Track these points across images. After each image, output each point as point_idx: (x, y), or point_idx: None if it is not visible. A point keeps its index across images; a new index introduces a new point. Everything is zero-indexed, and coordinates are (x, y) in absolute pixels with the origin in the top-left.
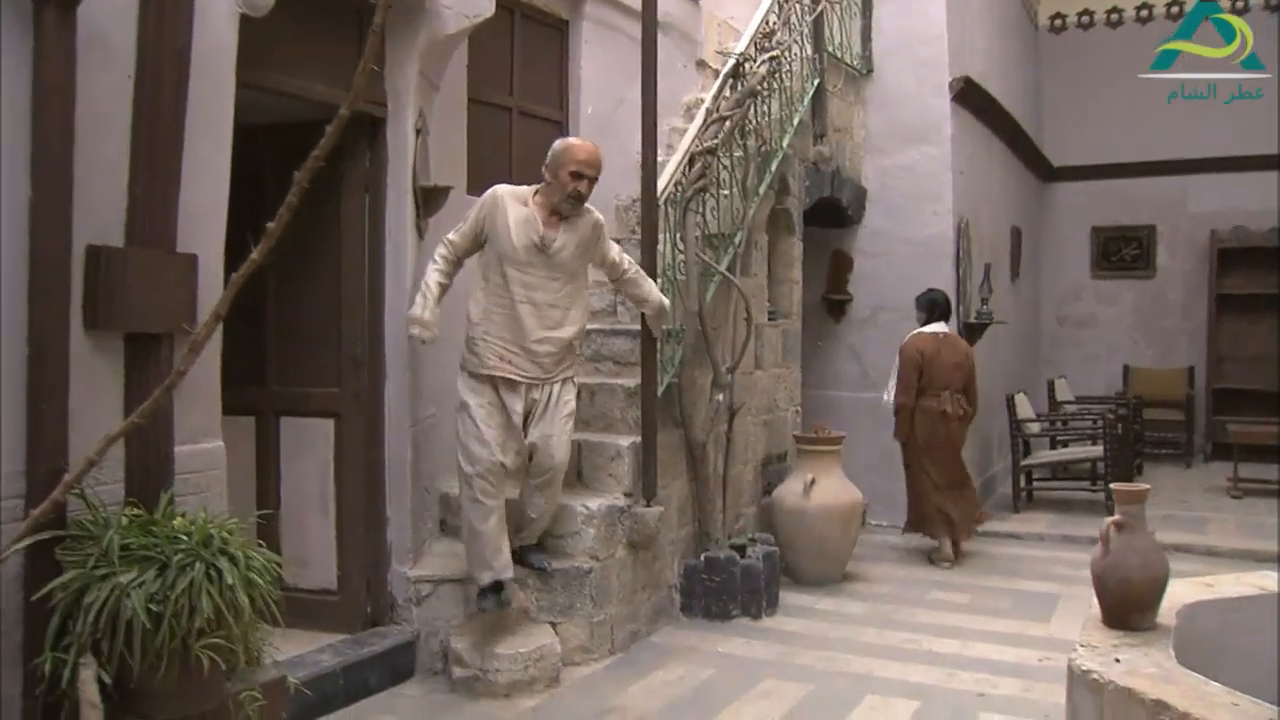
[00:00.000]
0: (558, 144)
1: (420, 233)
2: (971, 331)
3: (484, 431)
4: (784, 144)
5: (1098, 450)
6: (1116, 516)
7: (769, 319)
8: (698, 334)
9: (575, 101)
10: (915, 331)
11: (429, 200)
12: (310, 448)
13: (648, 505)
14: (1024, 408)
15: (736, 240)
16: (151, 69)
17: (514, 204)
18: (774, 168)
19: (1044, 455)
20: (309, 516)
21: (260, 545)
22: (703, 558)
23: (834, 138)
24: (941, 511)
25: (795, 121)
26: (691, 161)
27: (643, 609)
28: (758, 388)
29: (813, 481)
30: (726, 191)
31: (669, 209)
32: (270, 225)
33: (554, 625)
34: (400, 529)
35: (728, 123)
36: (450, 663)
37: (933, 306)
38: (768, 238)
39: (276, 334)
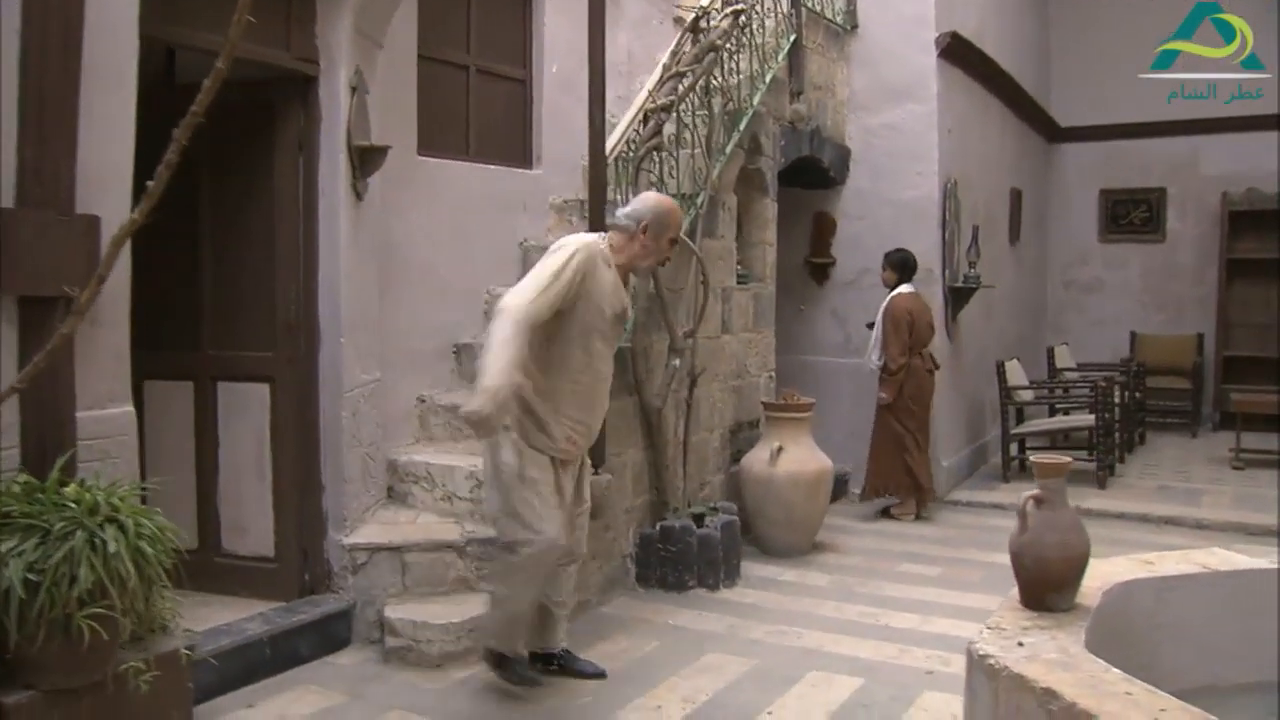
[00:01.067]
0: (663, 206)
1: (358, 193)
2: (958, 296)
3: (552, 512)
4: (754, 102)
5: (1090, 419)
6: (1035, 491)
7: (739, 282)
8: (652, 297)
9: (539, 60)
10: (896, 292)
11: (366, 160)
12: (246, 413)
13: (596, 473)
14: (1016, 374)
15: (699, 201)
16: (38, 24)
17: (603, 265)
18: (743, 126)
19: (1034, 424)
20: (246, 483)
21: (156, 512)
22: (658, 527)
23: (813, 96)
24: (911, 474)
25: (768, 78)
26: (646, 119)
27: (594, 579)
28: (725, 353)
29: (780, 449)
30: (689, 151)
31: (620, 167)
32: (150, 184)
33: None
34: (336, 496)
35: (686, 79)
36: (384, 632)
37: (904, 266)
38: (738, 199)
39: (212, 298)
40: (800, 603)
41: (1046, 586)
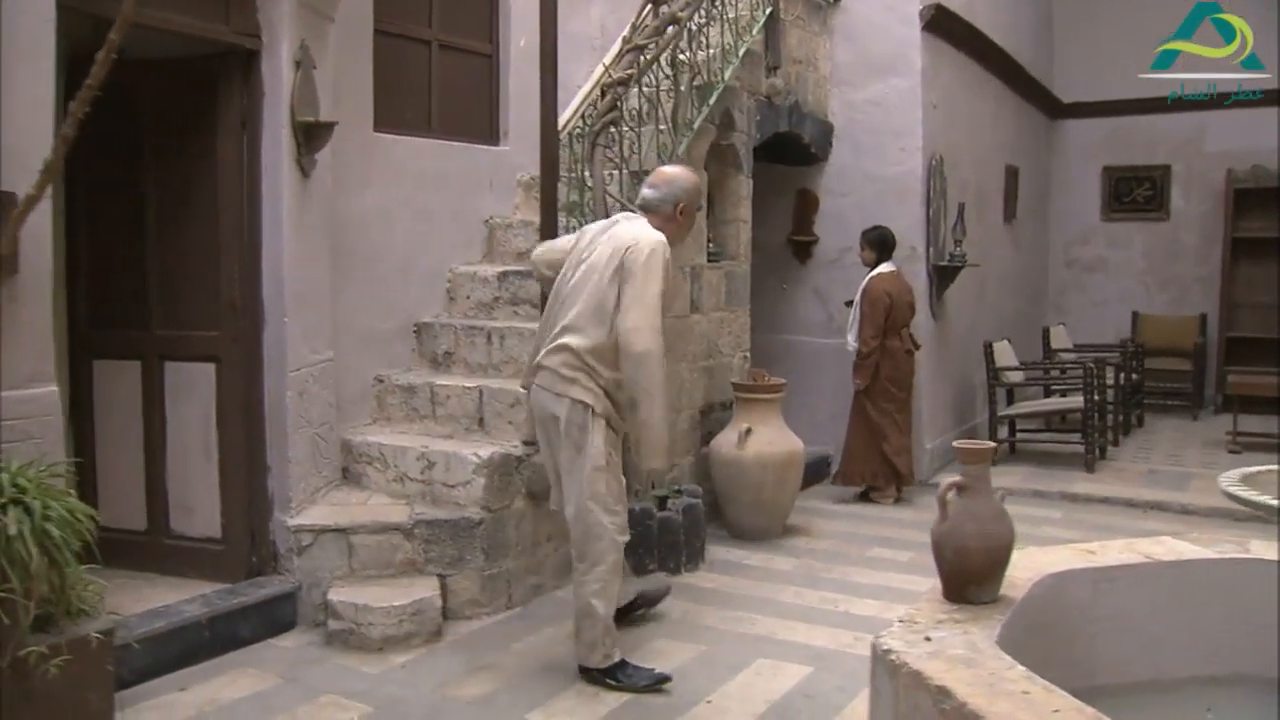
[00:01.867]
0: (692, 181)
1: (304, 170)
2: (943, 275)
3: (624, 495)
4: (726, 76)
5: (1079, 401)
6: (956, 478)
7: (710, 260)
8: None
9: (506, 34)
10: (876, 272)
11: (312, 136)
12: (193, 393)
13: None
14: (1005, 355)
15: None
16: None
17: None
18: (712, 101)
19: (1022, 405)
20: (193, 463)
21: (70, 494)
22: None
23: (793, 70)
24: (887, 461)
25: (741, 52)
26: (603, 93)
27: (549, 561)
28: (695, 332)
29: (748, 431)
30: (653, 126)
31: (575, 143)
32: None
33: (443, 578)
34: (282, 477)
35: (646, 52)
36: (328, 615)
37: (883, 244)
38: (712, 175)
39: (159, 277)
40: (762, 588)
41: (966, 578)
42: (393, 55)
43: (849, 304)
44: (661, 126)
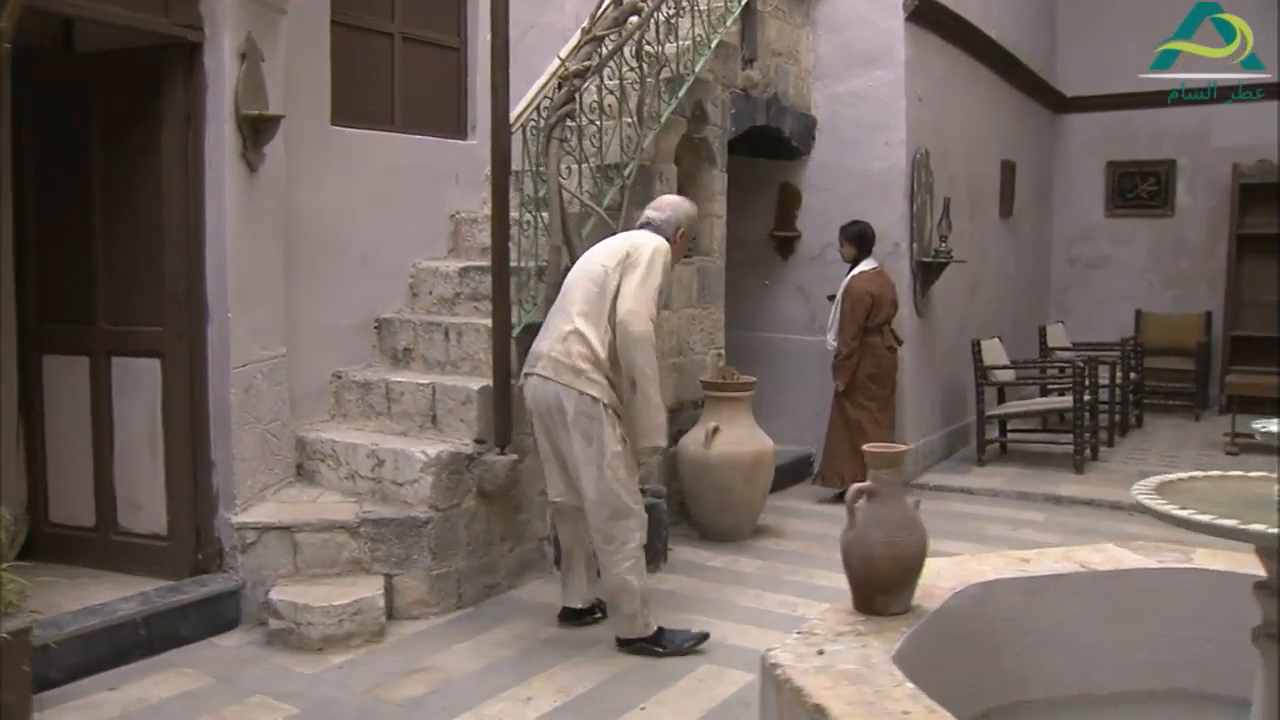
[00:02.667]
0: (693, 211)
1: (250, 165)
2: (927, 271)
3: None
4: (696, 68)
5: (1068, 400)
6: (865, 483)
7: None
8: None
9: (474, 27)
10: (857, 270)
11: (259, 130)
12: (139, 389)
13: (501, 453)
14: (995, 354)
15: (626, 172)
16: None
17: None
18: (681, 94)
19: (1011, 405)
20: (140, 460)
21: None
22: None
23: (772, 62)
24: (863, 460)
25: (713, 44)
26: (561, 85)
27: (503, 562)
28: (664, 329)
29: (715, 430)
30: (614, 121)
31: (529, 136)
32: None
33: (390, 578)
34: (227, 474)
35: (606, 44)
36: (269, 614)
37: (862, 239)
38: (685, 169)
39: (106, 272)
40: (721, 590)
41: (874, 588)
42: (352, 48)
43: (831, 298)
44: (627, 120)
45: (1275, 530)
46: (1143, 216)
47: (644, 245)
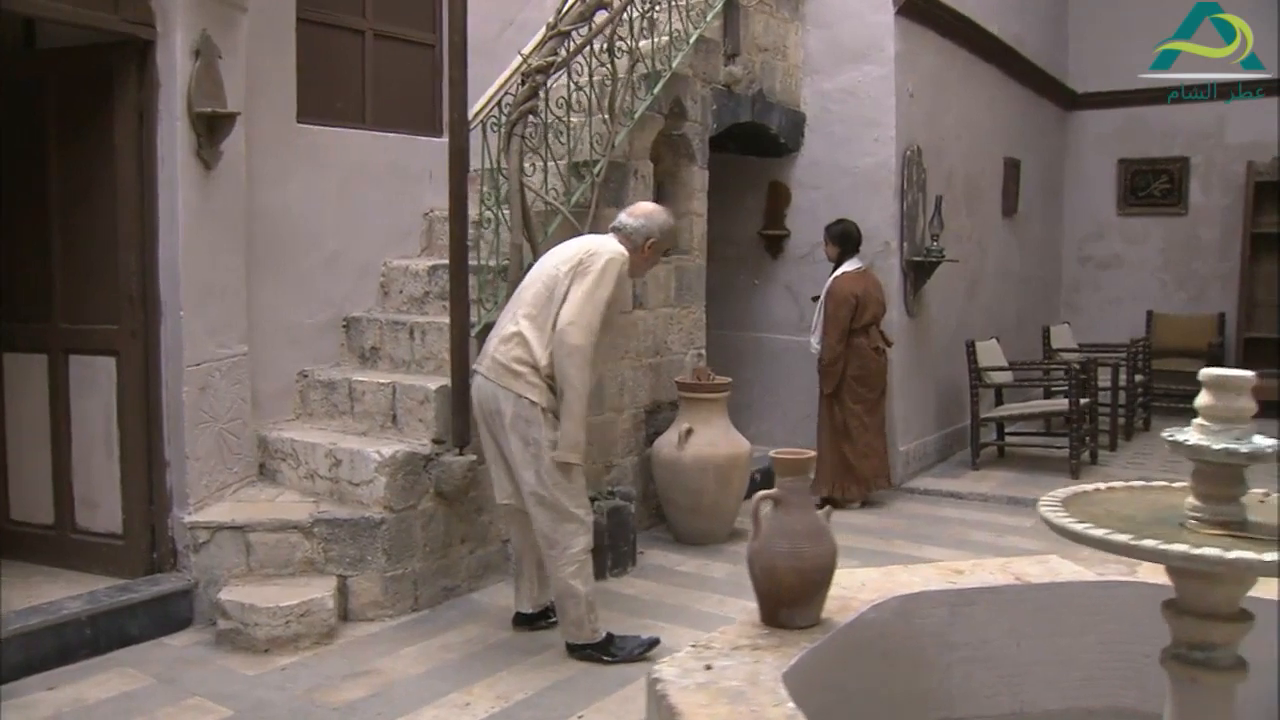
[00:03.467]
0: (669, 224)
1: (206, 162)
2: (918, 270)
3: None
4: (673, 64)
5: (1064, 403)
6: (772, 491)
7: None
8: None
9: (449, 22)
10: (841, 271)
11: (215, 128)
12: (95, 387)
13: (460, 453)
14: (991, 355)
15: (596, 169)
16: None
17: (625, 272)
18: (657, 89)
19: (1007, 408)
20: (96, 458)
21: None
22: None
23: (758, 58)
24: (851, 469)
25: (692, 39)
26: (524, 81)
27: (464, 564)
28: (638, 329)
29: (689, 432)
30: (586, 116)
31: (488, 132)
32: None
33: (344, 579)
34: (180, 473)
35: (572, 39)
36: (219, 614)
37: (846, 238)
38: (664, 166)
39: (63, 270)
40: (685, 596)
41: (777, 600)
42: (321, 46)
43: (816, 299)
44: (593, 117)
45: (1171, 547)
46: (1155, 215)
47: (600, 254)
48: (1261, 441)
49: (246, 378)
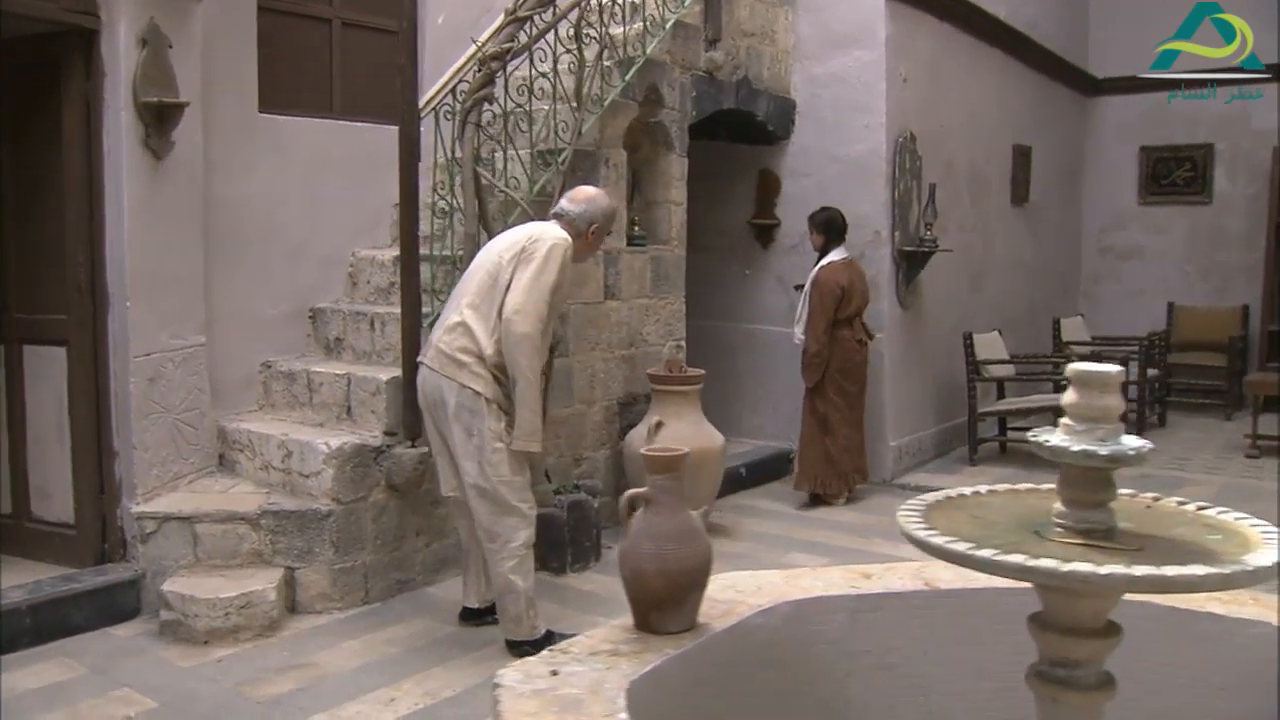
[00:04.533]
0: (611, 208)
1: (155, 153)
2: (911, 260)
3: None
4: (647, 49)
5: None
6: (640, 490)
7: (633, 244)
8: None
9: (423, 10)
10: (826, 261)
11: (164, 117)
12: (48, 377)
13: (412, 445)
14: (991, 348)
15: (560, 158)
16: None
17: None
18: (629, 76)
19: (1005, 403)
20: (50, 448)
21: None
22: None
23: (743, 43)
24: (833, 464)
25: (669, 24)
26: (481, 67)
27: (418, 557)
28: (610, 320)
29: (658, 425)
30: (551, 104)
31: (441, 120)
32: None
33: (291, 570)
34: (129, 463)
35: (533, 24)
36: (163, 605)
37: (830, 226)
38: (643, 155)
39: (16, 260)
40: None
41: (646, 604)
42: (285, 35)
43: (800, 288)
44: (558, 104)
45: (1006, 558)
46: (1178, 204)
47: (543, 240)
48: (1129, 442)
49: (204, 369)
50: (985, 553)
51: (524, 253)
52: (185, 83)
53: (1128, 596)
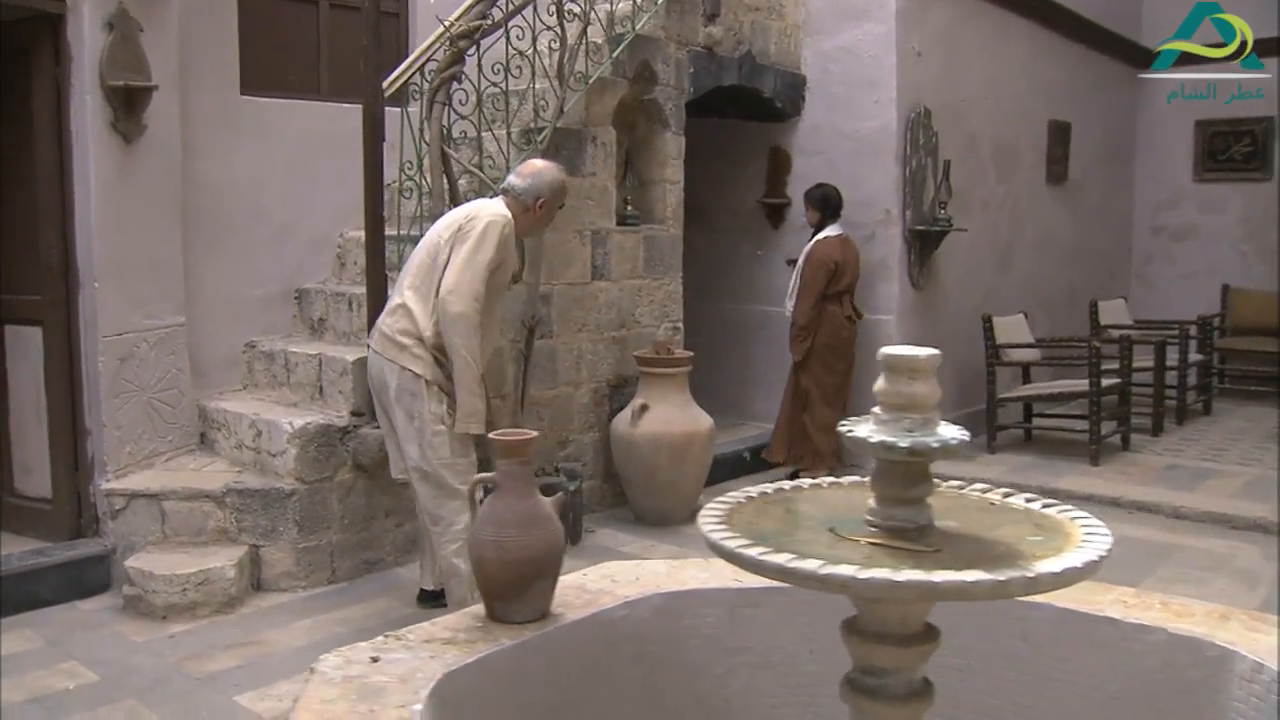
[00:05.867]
0: (557, 181)
1: (125, 136)
2: (924, 240)
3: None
4: (636, 25)
5: (1083, 384)
6: (487, 475)
7: (625, 224)
8: None
9: None
10: (821, 236)
11: (133, 100)
12: (26, 356)
13: (378, 426)
14: (1014, 331)
15: (539, 138)
16: None
17: (511, 234)
18: (616, 54)
19: (1027, 388)
20: (29, 425)
21: None
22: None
23: (747, 18)
24: (809, 441)
25: (660, 0)
26: (450, 46)
27: (388, 537)
28: (599, 301)
29: (643, 408)
30: (531, 82)
31: (409, 99)
32: None
33: (256, 549)
34: (99, 440)
35: (509, 1)
36: (126, 581)
37: (826, 203)
38: (638, 133)
39: (2, 240)
40: None
41: (489, 592)
42: (269, 18)
43: (792, 263)
44: (536, 84)
45: (772, 559)
46: (1236, 180)
47: (479, 217)
48: (944, 433)
49: (183, 348)
50: (753, 552)
51: (460, 231)
52: (159, 67)
53: (1024, 598)
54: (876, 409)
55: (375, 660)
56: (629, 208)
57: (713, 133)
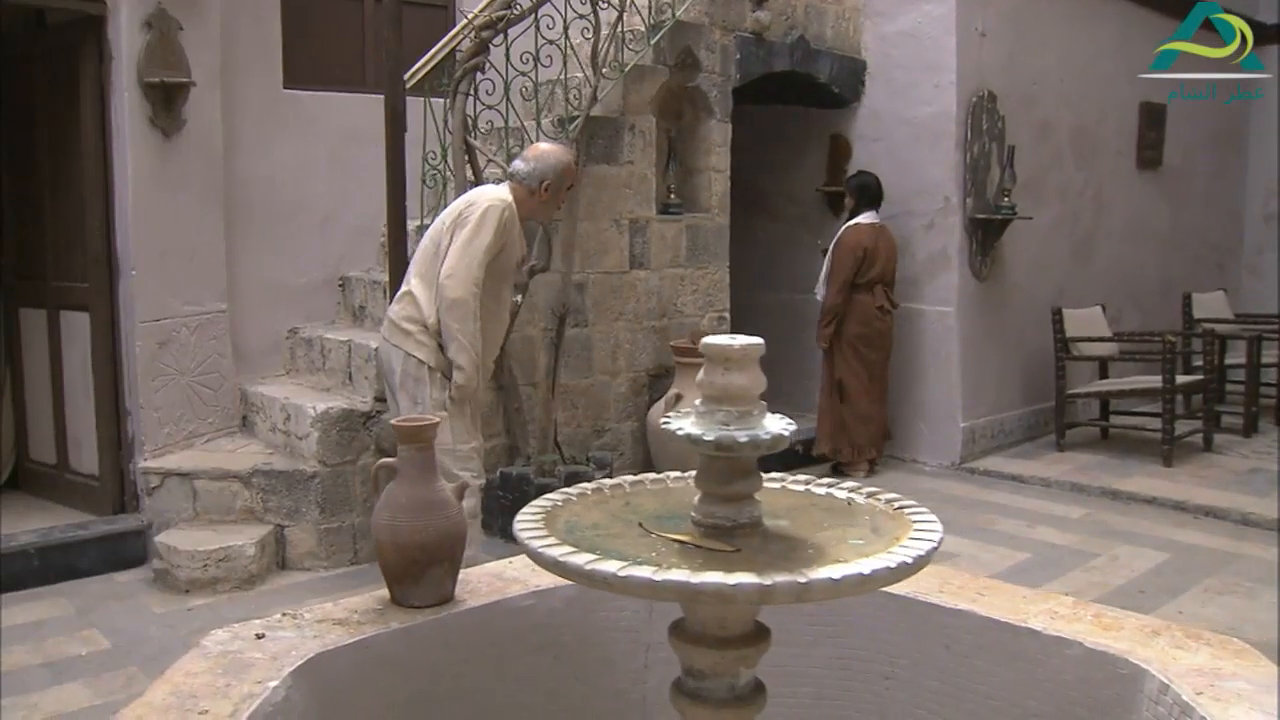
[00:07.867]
0: (562, 163)
1: (164, 130)
2: (985, 229)
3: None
4: (677, 12)
5: (1157, 380)
6: (388, 460)
7: (667, 213)
8: None
9: None
10: (852, 222)
11: (170, 96)
12: (77, 340)
13: None
14: (1088, 324)
15: (570, 126)
16: None
17: (514, 220)
18: (655, 40)
19: (1102, 383)
20: (81, 405)
21: None
22: (499, 473)
23: (802, 2)
24: (847, 431)
25: None
26: (475, 37)
27: None
28: (637, 290)
29: (678, 398)
30: (562, 72)
31: (430, 88)
32: None
33: (281, 528)
34: (138, 421)
35: None
36: (156, 555)
37: (863, 191)
38: (685, 121)
39: (52, 232)
40: None
41: (388, 575)
42: (314, 11)
43: (825, 251)
44: (578, 74)
45: (564, 557)
46: None
47: (478, 204)
48: (769, 426)
49: (225, 334)
50: (552, 552)
51: (460, 217)
52: (200, 63)
53: (952, 605)
54: (698, 400)
55: (260, 637)
56: (672, 196)
57: (773, 119)
